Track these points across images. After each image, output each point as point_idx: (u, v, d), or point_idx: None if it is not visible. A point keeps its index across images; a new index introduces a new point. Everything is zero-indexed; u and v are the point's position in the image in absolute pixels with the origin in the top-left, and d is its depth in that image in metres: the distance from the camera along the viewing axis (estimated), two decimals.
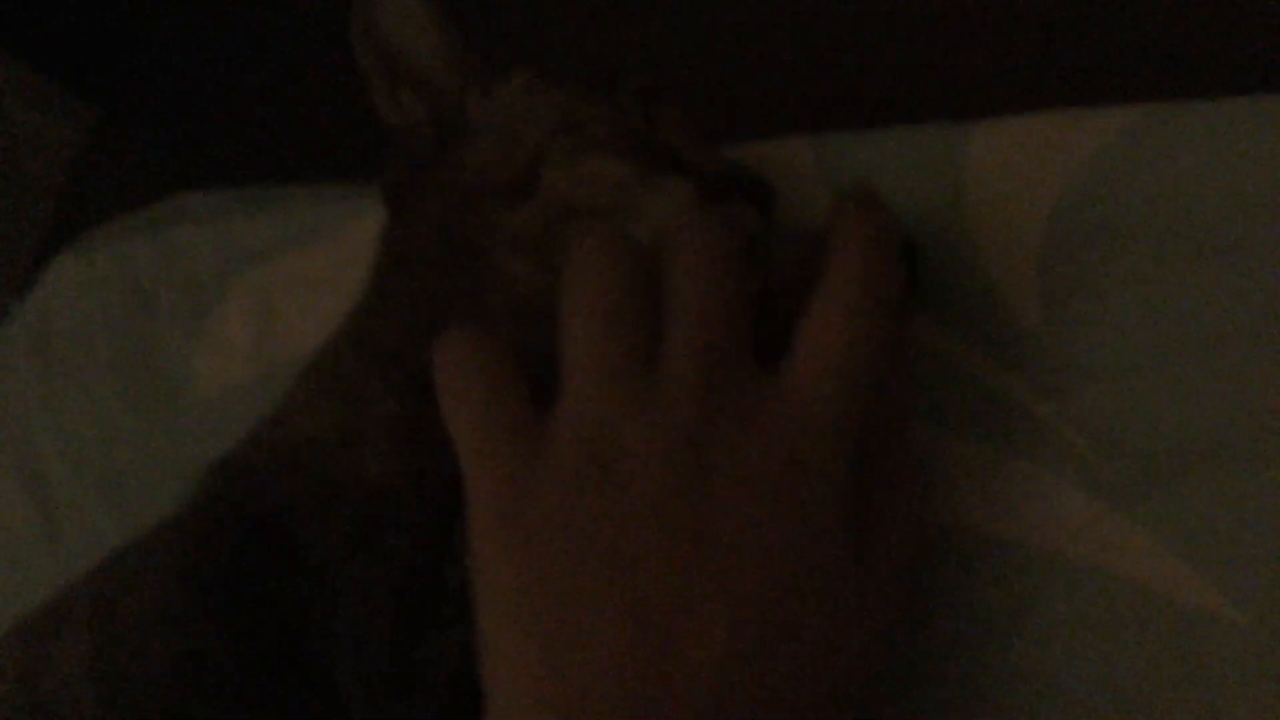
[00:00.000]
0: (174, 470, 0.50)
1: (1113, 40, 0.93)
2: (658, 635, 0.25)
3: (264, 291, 0.53)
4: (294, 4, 1.54)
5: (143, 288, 0.57)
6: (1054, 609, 0.33)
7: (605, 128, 0.37)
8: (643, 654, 0.25)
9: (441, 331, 0.31)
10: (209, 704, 0.33)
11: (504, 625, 0.26)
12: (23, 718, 0.34)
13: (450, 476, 0.34)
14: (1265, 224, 0.35)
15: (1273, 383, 0.33)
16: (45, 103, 1.62)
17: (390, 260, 0.41)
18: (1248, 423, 0.33)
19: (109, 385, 0.55)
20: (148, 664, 0.34)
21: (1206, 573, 0.32)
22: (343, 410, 0.37)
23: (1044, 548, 0.34)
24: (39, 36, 1.69)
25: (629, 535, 0.26)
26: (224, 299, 0.54)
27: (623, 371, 0.27)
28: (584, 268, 0.29)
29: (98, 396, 0.54)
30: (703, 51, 1.08)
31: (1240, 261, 0.34)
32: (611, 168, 0.36)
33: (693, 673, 0.25)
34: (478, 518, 0.28)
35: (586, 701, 0.25)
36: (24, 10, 1.75)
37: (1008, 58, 0.94)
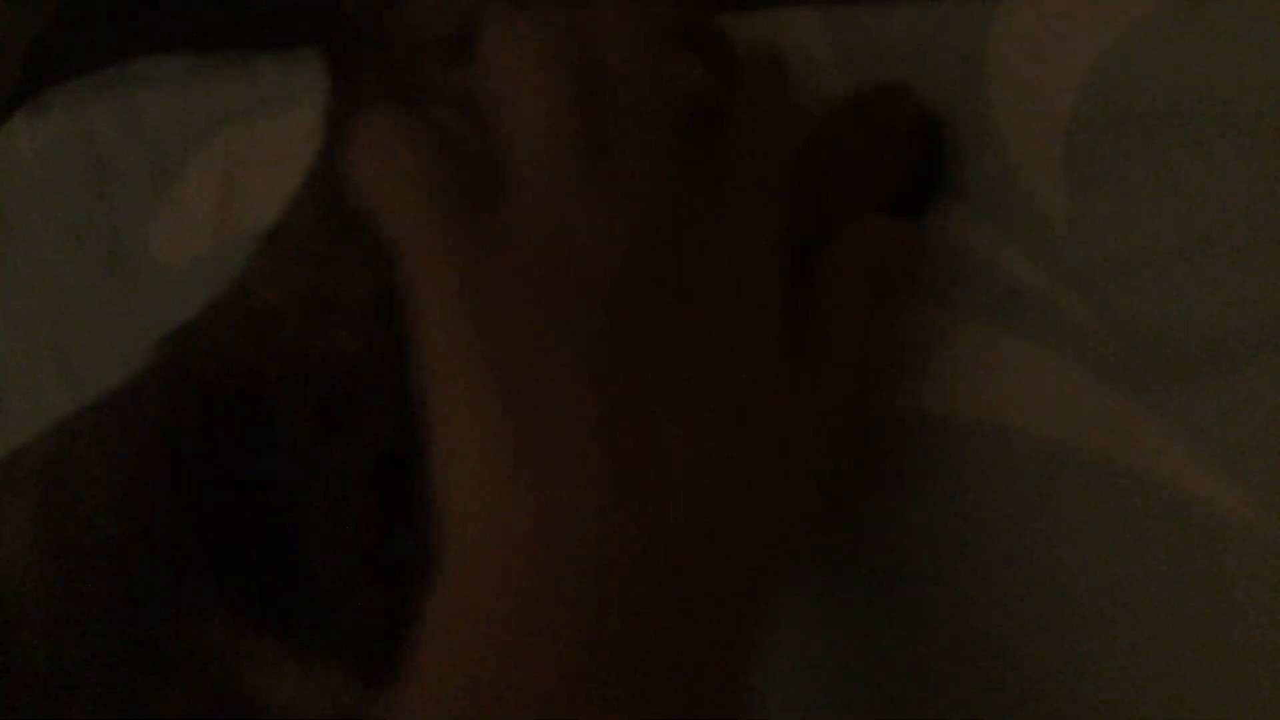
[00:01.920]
0: (131, 343, 0.47)
1: None
2: (629, 412, 0.26)
3: (228, 160, 0.51)
4: None
5: (101, 154, 0.55)
6: (1064, 502, 0.32)
7: None
8: (616, 428, 0.26)
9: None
10: (160, 586, 0.32)
11: (468, 413, 0.26)
12: None
13: None
14: None
15: None
16: None
17: (337, 124, 0.39)
18: (1277, 320, 0.31)
19: (64, 255, 0.52)
20: (98, 538, 0.32)
21: (1223, 469, 0.31)
22: (313, 276, 0.35)
23: (1057, 440, 0.33)
24: None
25: (591, 316, 0.26)
26: (186, 167, 0.52)
27: (573, 153, 0.28)
28: (520, 47, 0.29)
29: (51, 267, 0.52)
30: None
31: None
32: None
33: (666, 453, 0.26)
34: (430, 310, 0.28)
35: (562, 473, 0.25)
36: None
37: None
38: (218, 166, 0.51)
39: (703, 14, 0.35)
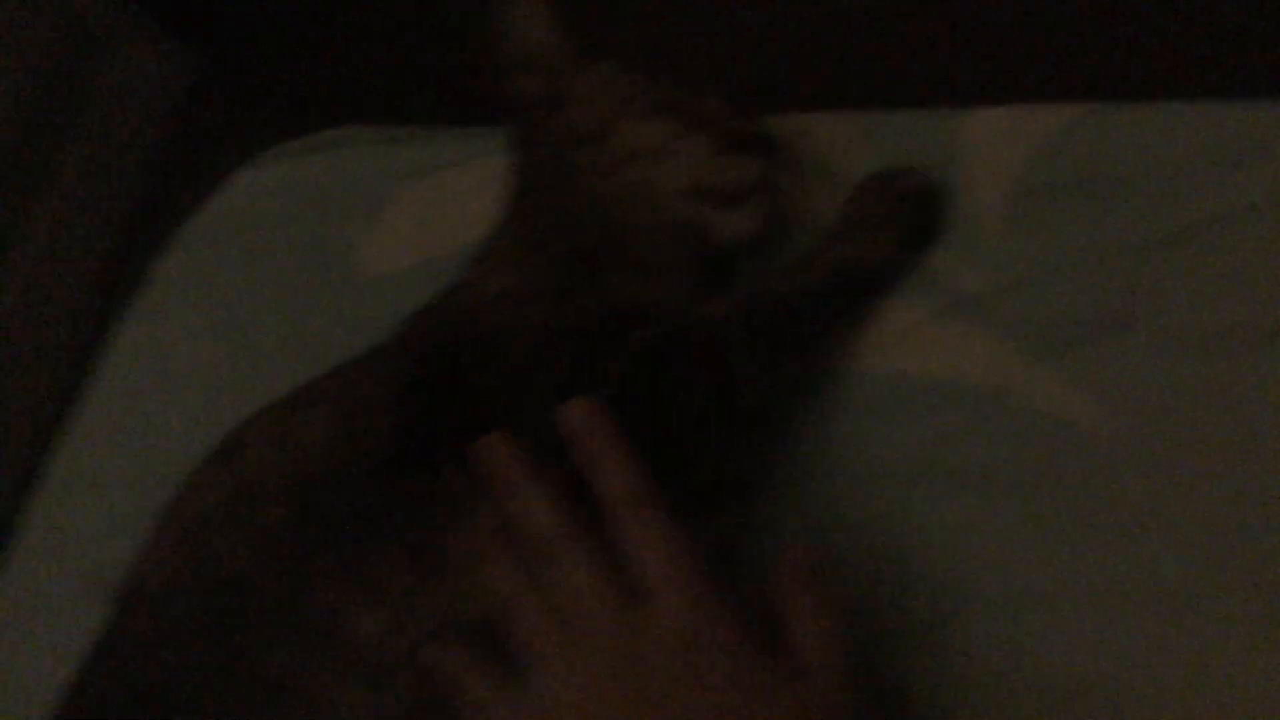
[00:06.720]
0: (352, 329, 0.56)
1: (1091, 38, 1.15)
2: None
3: (425, 197, 0.65)
4: None
5: (316, 192, 0.69)
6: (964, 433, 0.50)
7: (661, 99, 0.54)
8: None
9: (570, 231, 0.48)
10: (424, 465, 0.44)
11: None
12: (279, 476, 0.45)
13: (591, 331, 0.47)
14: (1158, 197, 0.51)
15: (1157, 277, 0.49)
16: (151, 46, 1.57)
17: (521, 185, 0.56)
18: (1144, 304, 0.49)
19: (294, 266, 0.67)
20: (380, 433, 0.45)
21: (1091, 396, 0.47)
22: (513, 278, 0.51)
23: (967, 382, 0.50)
24: None
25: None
26: (390, 202, 0.66)
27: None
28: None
29: (287, 274, 0.67)
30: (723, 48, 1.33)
31: (1136, 204, 0.51)
32: (661, 125, 0.53)
33: None
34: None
35: None
36: None
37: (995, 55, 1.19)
38: (417, 202, 0.65)
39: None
